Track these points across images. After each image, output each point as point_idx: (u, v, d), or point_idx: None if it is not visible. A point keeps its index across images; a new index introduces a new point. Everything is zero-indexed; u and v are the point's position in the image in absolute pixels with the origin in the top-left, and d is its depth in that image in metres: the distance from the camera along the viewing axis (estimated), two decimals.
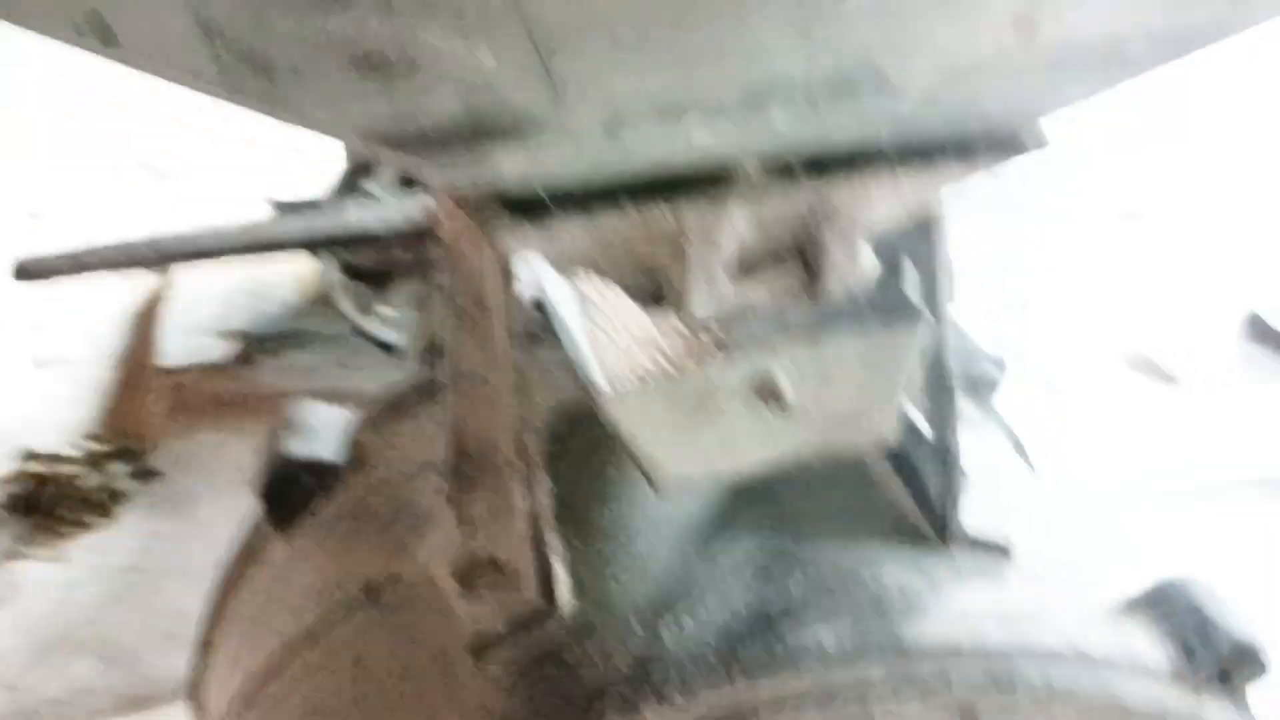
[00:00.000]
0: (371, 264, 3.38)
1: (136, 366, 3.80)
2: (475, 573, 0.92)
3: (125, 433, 3.51)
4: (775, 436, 0.81)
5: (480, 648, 0.88)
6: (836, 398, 0.80)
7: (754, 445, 0.80)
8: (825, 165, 0.70)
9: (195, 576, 2.91)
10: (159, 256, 0.90)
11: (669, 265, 0.73)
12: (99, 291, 4.20)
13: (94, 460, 3.36)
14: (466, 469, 0.96)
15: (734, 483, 0.99)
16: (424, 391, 1.18)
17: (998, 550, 0.96)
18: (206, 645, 1.26)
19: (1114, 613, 0.96)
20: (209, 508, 3.21)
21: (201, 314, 3.86)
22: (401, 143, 0.57)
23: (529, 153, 0.59)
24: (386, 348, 3.47)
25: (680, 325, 0.81)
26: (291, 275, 4.10)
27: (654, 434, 0.78)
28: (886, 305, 0.82)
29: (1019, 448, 1.37)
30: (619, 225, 0.68)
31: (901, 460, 0.98)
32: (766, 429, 0.80)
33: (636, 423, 0.77)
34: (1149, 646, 0.92)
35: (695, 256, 0.71)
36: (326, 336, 3.79)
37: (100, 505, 3.22)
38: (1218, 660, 0.91)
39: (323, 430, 1.16)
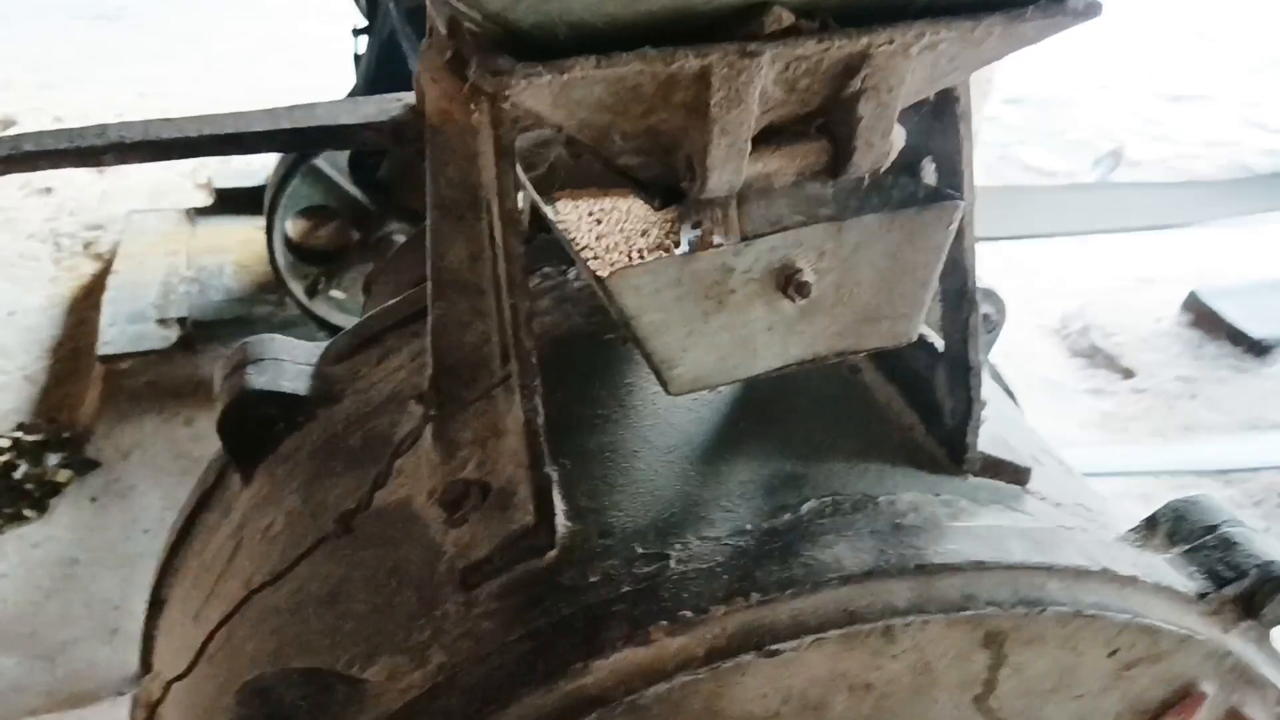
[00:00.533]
0: (322, 244, 3.28)
1: (73, 353, 3.67)
2: (461, 497, 0.85)
3: (61, 422, 3.38)
4: (794, 331, 0.74)
5: (469, 576, 0.81)
6: (860, 290, 0.74)
7: (771, 340, 0.74)
8: (864, 14, 0.64)
9: (134, 569, 2.81)
10: (107, 146, 0.82)
11: (687, 129, 0.67)
12: (30, 275, 4.06)
13: (27, 450, 3.22)
14: (451, 386, 0.89)
15: (735, 401, 0.93)
16: (393, 321, 1.11)
17: (1015, 473, 0.90)
18: (157, 604, 1.17)
19: (1134, 534, 0.91)
20: (148, 498, 3.10)
21: (141, 300, 3.73)
22: None
23: None
24: (337, 331, 3.37)
25: (688, 210, 0.75)
26: (235, 261, 3.99)
27: (664, 321, 0.71)
28: (917, 190, 0.76)
29: (1010, 394, 1.32)
30: (639, 73, 0.62)
31: (910, 376, 0.92)
32: (785, 322, 0.74)
33: (643, 307, 0.70)
34: (1171, 569, 0.87)
35: (718, 114, 0.64)
36: (273, 322, 3.68)
37: (34, 497, 3.08)
38: (1244, 585, 0.87)
39: (287, 362, 1.08)
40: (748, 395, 0.93)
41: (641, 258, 0.71)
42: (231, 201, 4.21)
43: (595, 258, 0.71)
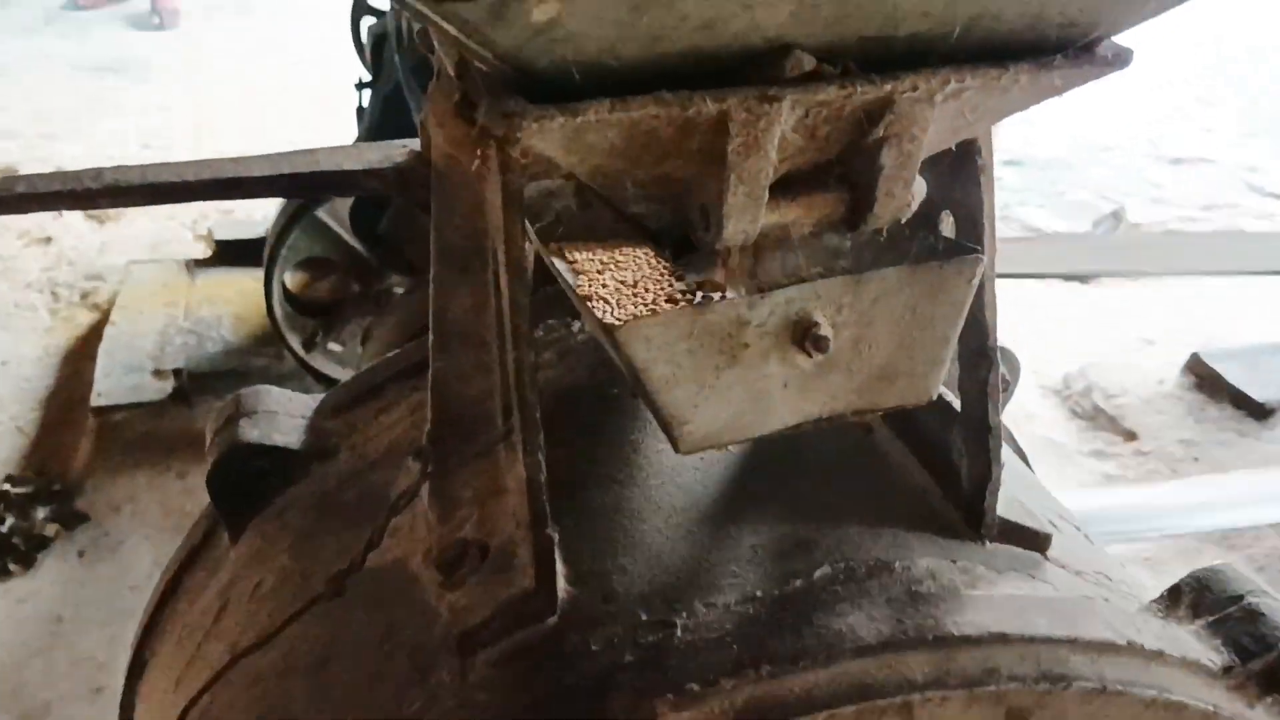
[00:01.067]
0: (321, 296, 3.26)
1: (67, 404, 3.63)
2: (459, 558, 0.81)
3: (51, 474, 3.33)
4: (810, 388, 0.71)
5: (466, 642, 0.77)
6: (878, 346, 0.71)
7: (786, 397, 0.71)
8: (887, 60, 0.61)
9: (121, 626, 2.75)
10: (102, 190, 0.79)
11: (702, 176, 0.64)
12: (26, 325, 4.03)
13: (15, 503, 3.17)
14: (451, 440, 0.86)
15: (743, 460, 0.90)
16: (392, 373, 1.08)
17: (1034, 539, 0.87)
18: (138, 665, 1.13)
19: (1157, 605, 0.88)
20: (138, 554, 3.05)
21: (137, 351, 3.71)
22: None
23: None
24: (334, 385, 3.34)
25: (700, 262, 0.72)
26: (233, 313, 3.98)
27: (674, 375, 0.68)
28: (937, 243, 0.73)
29: (1023, 456, 1.29)
30: (655, 117, 0.59)
31: (925, 436, 0.89)
32: (800, 378, 0.71)
33: (654, 360, 0.67)
34: (1197, 641, 0.83)
35: (736, 161, 0.61)
36: (271, 375, 3.65)
37: (21, 551, 3.03)
38: (1270, 659, 0.83)
39: (281, 415, 1.05)
40: (756, 454, 0.90)
41: (651, 309, 0.68)
42: (231, 253, 4.21)
43: (603, 308, 0.68)
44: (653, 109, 0.58)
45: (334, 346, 3.27)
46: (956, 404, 0.85)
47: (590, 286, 0.75)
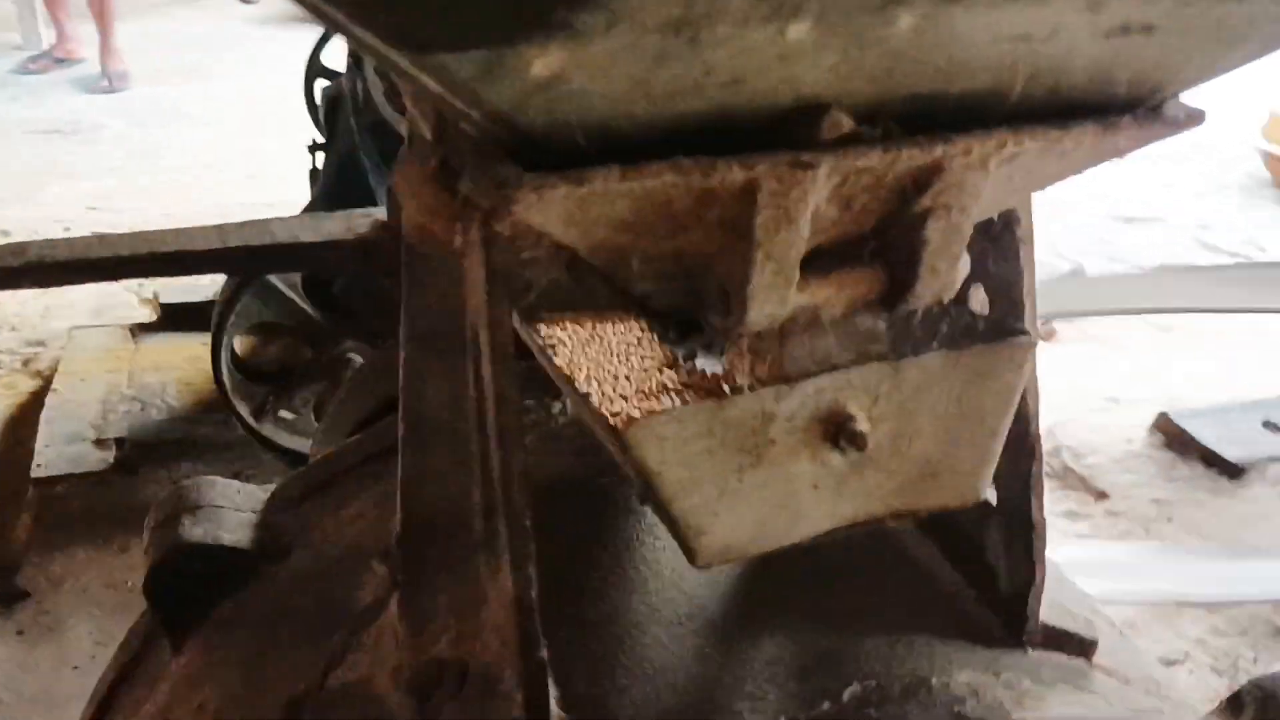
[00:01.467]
0: (271, 363, 3.15)
1: (6, 476, 3.49)
2: (434, 681, 0.71)
3: None
4: (844, 489, 0.62)
5: None
6: (920, 440, 0.63)
7: (818, 500, 0.62)
8: (935, 120, 0.53)
9: (63, 710, 2.60)
10: (24, 267, 0.69)
11: (722, 252, 0.55)
12: None
13: None
14: (423, 545, 0.76)
15: (755, 562, 0.81)
16: (352, 463, 0.97)
17: (1080, 646, 0.78)
18: None
19: (1215, 716, 0.79)
20: (78, 632, 2.91)
21: (79, 419, 3.58)
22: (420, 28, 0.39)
23: (576, 44, 0.42)
24: (288, 454, 3.21)
25: (714, 349, 0.63)
26: (178, 379, 3.86)
27: (691, 479, 0.59)
28: (975, 323, 0.65)
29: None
30: (672, 186, 0.50)
31: (956, 533, 0.80)
32: (833, 478, 0.62)
33: (668, 463, 0.58)
34: None
35: (764, 237, 0.53)
36: (218, 444, 3.52)
37: None
38: None
39: (228, 510, 0.94)
40: (769, 556, 0.81)
41: (653, 399, 0.59)
42: (177, 317, 4.10)
43: (605, 400, 0.59)
44: (670, 177, 0.50)
45: (286, 414, 3.14)
46: (993, 497, 0.76)
47: (583, 374, 0.66)
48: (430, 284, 0.67)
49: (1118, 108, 0.55)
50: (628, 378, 0.74)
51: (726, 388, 0.58)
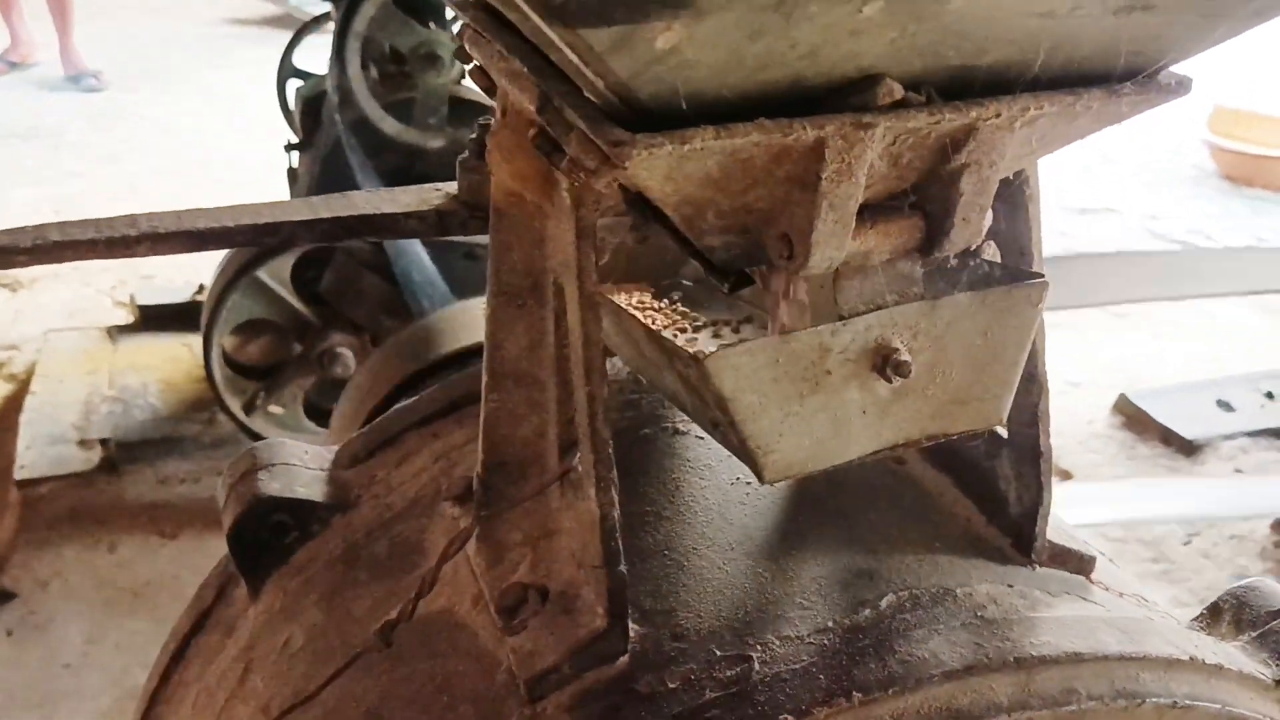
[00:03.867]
0: (261, 359, 3.20)
1: None
2: (519, 603, 0.79)
3: None
4: (887, 414, 0.72)
5: (535, 687, 0.75)
6: (952, 371, 0.72)
7: (866, 424, 0.71)
8: (967, 88, 0.63)
9: (55, 708, 2.63)
10: (140, 237, 0.77)
11: (788, 204, 0.65)
12: None
13: None
14: (499, 484, 0.84)
15: (790, 495, 0.90)
16: (410, 423, 1.06)
17: (1080, 562, 0.88)
18: None
19: (1198, 622, 0.90)
20: (69, 631, 2.93)
21: (61, 421, 3.60)
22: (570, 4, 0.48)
23: (694, 20, 0.51)
24: None
25: (773, 295, 0.72)
26: (160, 379, 3.88)
27: (760, 404, 0.68)
28: (993, 270, 0.75)
29: None
30: (756, 144, 0.60)
31: (966, 464, 0.90)
32: (879, 405, 0.71)
33: (741, 389, 0.67)
34: (1245, 656, 0.85)
35: (829, 189, 0.62)
36: (203, 442, 3.56)
37: None
38: None
39: (299, 467, 1.02)
40: (801, 489, 0.90)
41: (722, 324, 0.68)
42: (155, 319, 4.12)
43: (686, 338, 0.67)
44: (755, 136, 0.59)
45: (275, 409, 3.20)
46: (1002, 430, 0.86)
47: (656, 325, 0.75)
48: (516, 244, 0.76)
49: (1118, 76, 0.65)
50: (692, 329, 0.83)
51: (782, 326, 0.67)
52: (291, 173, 3.72)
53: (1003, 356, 0.74)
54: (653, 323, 0.90)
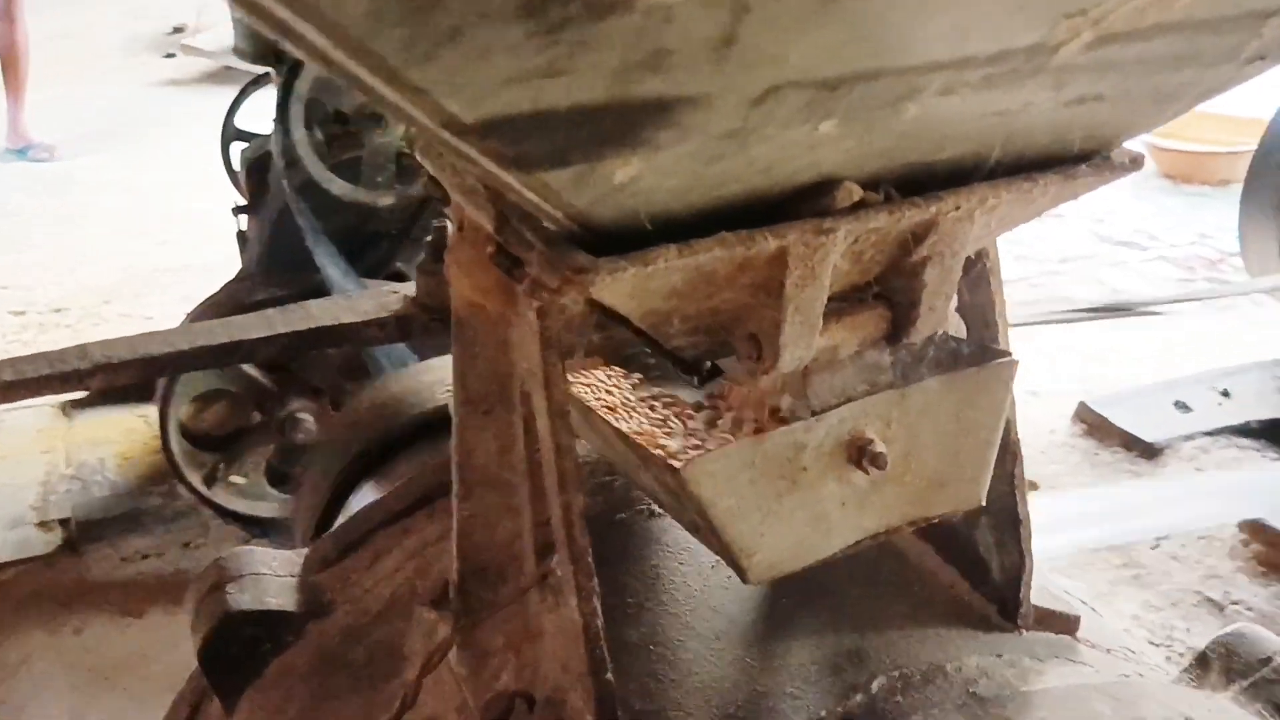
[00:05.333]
0: (219, 429, 3.15)
1: None
2: (506, 712, 0.78)
3: None
4: (866, 505, 0.72)
5: None
6: (927, 456, 0.72)
7: (845, 516, 0.71)
8: (924, 183, 0.63)
9: None
10: (93, 369, 0.75)
11: (754, 308, 0.64)
12: None
13: None
14: (477, 589, 0.83)
15: (774, 582, 0.89)
16: (379, 521, 1.04)
17: (1065, 623, 0.88)
18: None
19: (1187, 675, 0.90)
20: (50, 715, 2.87)
21: (19, 503, 3.53)
22: (519, 147, 0.47)
23: (651, 154, 0.50)
24: (240, 519, 3.21)
25: (742, 393, 0.72)
26: (118, 453, 3.82)
27: (739, 507, 0.67)
28: (961, 348, 0.75)
29: None
30: (717, 258, 0.59)
31: (946, 532, 0.89)
32: (857, 496, 0.71)
33: (719, 494, 0.66)
34: (1239, 709, 0.85)
35: (794, 293, 0.62)
36: (165, 515, 3.50)
37: None
38: None
39: (268, 576, 1.00)
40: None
41: (695, 441, 0.67)
42: (110, 392, 4.05)
43: (659, 447, 0.67)
44: (718, 251, 0.58)
45: (237, 479, 3.15)
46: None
47: (628, 428, 0.75)
48: (480, 352, 0.75)
49: (1073, 159, 0.66)
50: (643, 418, 0.82)
51: (756, 430, 0.67)
52: (241, 236, 3.68)
53: (976, 436, 0.74)
54: (626, 415, 0.89)
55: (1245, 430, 3.68)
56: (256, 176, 3.69)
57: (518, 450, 0.78)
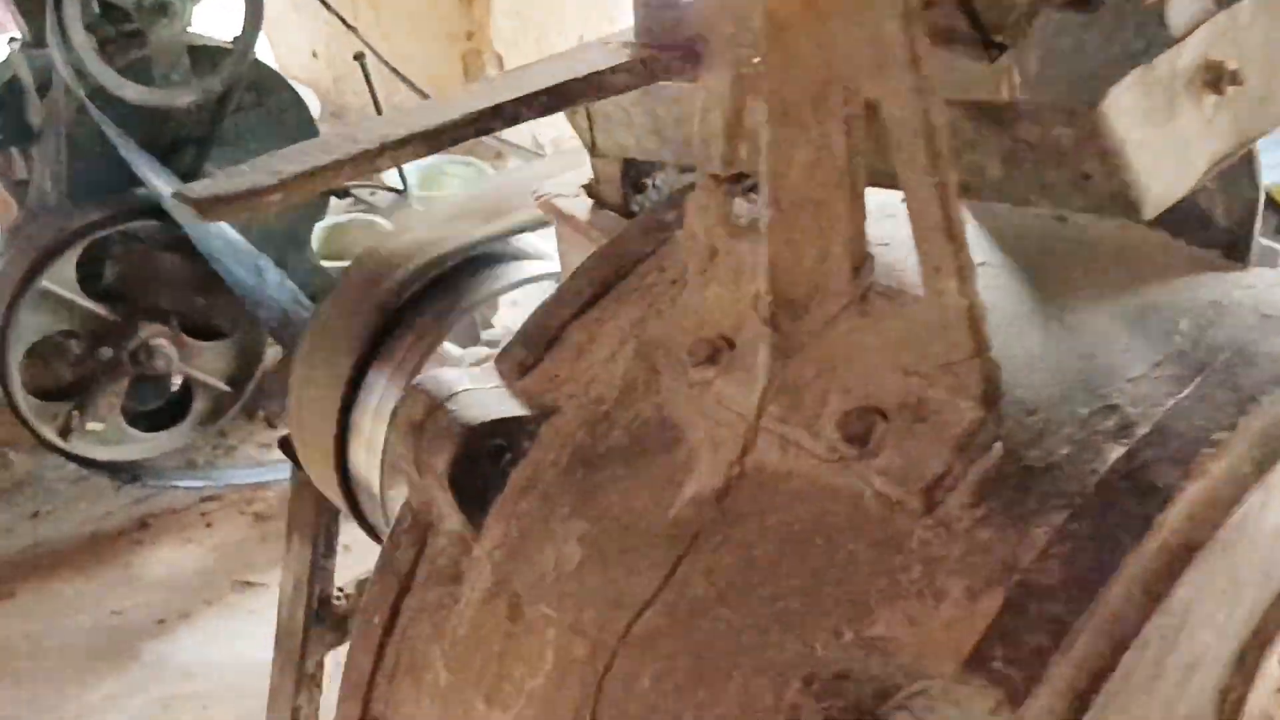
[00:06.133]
0: (67, 377, 2.86)
1: None
2: (867, 430, 0.77)
3: None
4: (1212, 129, 0.73)
5: (930, 492, 0.73)
6: (1251, 73, 0.74)
7: (1199, 144, 0.73)
8: None
9: None
10: (382, 149, 0.65)
11: None
12: None
13: None
14: (787, 321, 0.81)
15: (1014, 270, 0.91)
16: (566, 318, 0.98)
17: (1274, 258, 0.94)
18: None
19: None
20: None
21: None
22: None
23: None
24: (104, 468, 2.96)
25: None
26: None
27: (1142, 140, 0.68)
28: None
29: None
30: None
31: None
32: (1206, 121, 0.73)
33: (1130, 127, 0.66)
34: None
35: None
36: (6, 488, 3.18)
37: None
38: None
39: (476, 390, 0.93)
40: (1012, 255, 0.91)
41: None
42: None
43: None
44: None
45: (95, 425, 2.89)
46: None
47: None
48: (797, 57, 0.71)
49: None
50: None
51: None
52: (18, 185, 3.28)
53: None
54: None
55: None
56: (13, 106, 3.30)
57: (834, 160, 0.75)
